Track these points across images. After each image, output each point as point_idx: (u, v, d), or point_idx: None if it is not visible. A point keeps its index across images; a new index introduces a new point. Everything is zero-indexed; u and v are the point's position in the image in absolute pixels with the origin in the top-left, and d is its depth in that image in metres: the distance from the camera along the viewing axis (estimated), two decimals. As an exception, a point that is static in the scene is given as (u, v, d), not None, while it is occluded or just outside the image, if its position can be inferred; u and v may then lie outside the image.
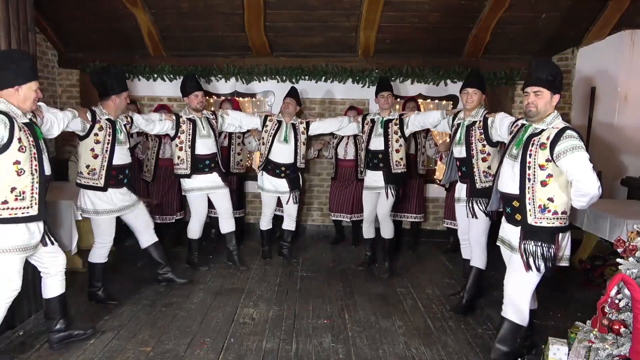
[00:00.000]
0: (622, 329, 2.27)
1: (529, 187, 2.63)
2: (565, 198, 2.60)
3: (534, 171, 2.60)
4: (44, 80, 5.64)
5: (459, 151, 3.71)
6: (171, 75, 5.89)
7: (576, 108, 5.69)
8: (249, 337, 3.28)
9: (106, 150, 3.57)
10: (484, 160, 3.57)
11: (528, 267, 2.65)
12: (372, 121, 4.54)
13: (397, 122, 4.42)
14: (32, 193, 2.70)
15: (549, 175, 2.58)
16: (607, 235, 3.85)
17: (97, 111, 3.58)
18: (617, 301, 2.38)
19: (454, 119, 3.88)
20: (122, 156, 3.67)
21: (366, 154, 4.55)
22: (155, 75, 5.89)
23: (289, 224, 5.02)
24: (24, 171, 2.65)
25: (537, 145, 2.59)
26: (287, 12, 5.15)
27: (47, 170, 2.81)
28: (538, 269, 2.63)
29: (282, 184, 4.79)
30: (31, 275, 3.39)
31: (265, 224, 5.08)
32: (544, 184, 2.59)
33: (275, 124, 4.74)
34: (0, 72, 2.62)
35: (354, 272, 4.73)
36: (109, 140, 3.57)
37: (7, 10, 3.10)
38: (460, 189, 3.79)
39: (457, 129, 3.75)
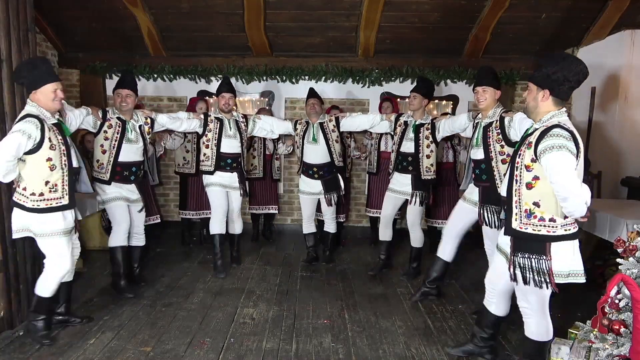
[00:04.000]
0: (622, 329, 2.27)
1: (516, 189, 2.46)
2: (553, 204, 2.37)
3: (521, 172, 2.45)
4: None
5: (476, 153, 3.54)
6: (171, 75, 5.89)
7: (576, 108, 5.69)
8: (249, 337, 3.28)
9: (113, 147, 3.82)
10: (503, 162, 3.36)
11: (514, 278, 2.50)
12: (405, 123, 4.35)
13: (429, 126, 4.22)
14: (63, 185, 3.01)
15: (535, 178, 2.39)
16: (607, 235, 3.84)
17: (109, 111, 3.87)
18: (617, 301, 2.38)
19: (474, 120, 3.75)
20: (129, 154, 3.88)
21: (396, 156, 4.39)
22: (155, 75, 5.90)
23: (327, 226, 4.96)
24: (56, 166, 2.97)
25: (526, 144, 2.43)
26: (287, 12, 5.15)
27: (75, 163, 3.11)
28: (527, 282, 2.45)
29: (316, 186, 4.71)
30: (30, 276, 3.40)
31: (306, 227, 4.95)
32: (529, 186, 2.41)
33: (304, 126, 4.70)
34: (26, 80, 2.95)
35: (354, 272, 4.72)
36: (117, 137, 3.83)
37: (7, 10, 3.09)
38: (472, 191, 3.63)
39: (475, 130, 3.62)
